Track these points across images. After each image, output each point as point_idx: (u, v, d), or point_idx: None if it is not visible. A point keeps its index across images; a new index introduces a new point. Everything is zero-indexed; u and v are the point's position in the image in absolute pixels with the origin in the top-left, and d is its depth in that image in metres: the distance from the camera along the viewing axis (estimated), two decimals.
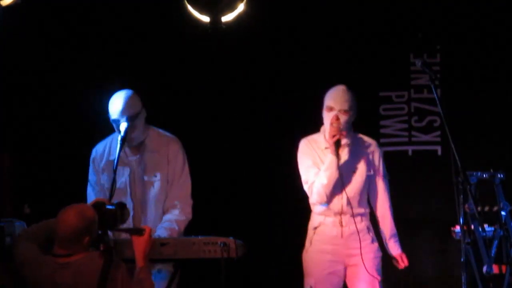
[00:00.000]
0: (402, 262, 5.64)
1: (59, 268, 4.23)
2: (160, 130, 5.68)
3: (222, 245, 4.84)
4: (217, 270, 4.79)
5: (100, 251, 4.27)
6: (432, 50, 6.84)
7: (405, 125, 6.90)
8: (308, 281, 5.58)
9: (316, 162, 5.56)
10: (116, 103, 5.45)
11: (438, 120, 6.80)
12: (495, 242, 5.73)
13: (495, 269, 5.64)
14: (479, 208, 5.28)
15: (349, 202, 5.49)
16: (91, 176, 5.67)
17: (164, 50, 6.79)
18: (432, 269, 6.64)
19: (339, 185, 5.49)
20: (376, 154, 5.62)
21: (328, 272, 5.54)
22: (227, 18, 5.64)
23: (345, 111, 5.46)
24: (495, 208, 5.87)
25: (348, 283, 5.59)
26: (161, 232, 5.40)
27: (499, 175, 5.75)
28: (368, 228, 5.57)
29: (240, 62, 6.80)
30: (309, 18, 6.76)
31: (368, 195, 5.65)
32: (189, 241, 4.96)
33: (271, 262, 6.68)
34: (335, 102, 5.49)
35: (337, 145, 5.44)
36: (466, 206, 4.98)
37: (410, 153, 6.85)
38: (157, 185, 5.56)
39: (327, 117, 5.51)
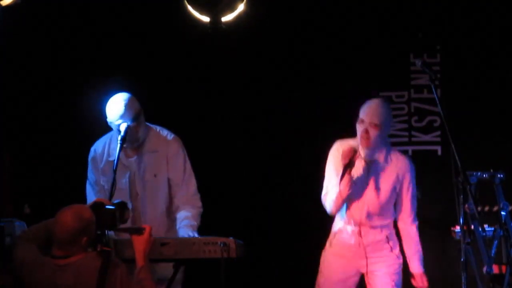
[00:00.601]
0: (421, 283, 5.53)
1: (58, 270, 4.22)
2: (159, 129, 5.66)
3: (222, 245, 4.84)
4: (217, 270, 4.79)
5: (97, 251, 4.26)
6: (432, 50, 6.84)
7: (405, 125, 6.90)
8: (319, 280, 5.54)
9: (339, 169, 5.40)
10: (116, 108, 5.42)
11: (438, 120, 6.80)
12: (495, 242, 5.73)
13: (495, 269, 5.64)
14: (479, 208, 5.29)
15: (369, 215, 5.42)
16: (90, 175, 5.66)
17: (164, 50, 6.79)
18: (432, 269, 6.63)
19: (363, 198, 5.40)
20: (408, 173, 5.46)
21: (339, 276, 5.49)
22: (227, 18, 5.64)
23: (376, 125, 5.30)
24: (495, 208, 5.87)
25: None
26: (184, 231, 5.39)
27: (499, 175, 5.75)
28: (387, 237, 5.48)
29: (240, 62, 6.79)
30: (309, 18, 6.76)
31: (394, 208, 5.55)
32: (189, 241, 4.96)
33: (271, 262, 6.67)
34: (366, 115, 5.33)
35: (350, 166, 5.28)
36: (466, 206, 4.98)
37: (410, 153, 6.85)
38: (157, 185, 5.56)
39: (358, 128, 5.37)
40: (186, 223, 5.45)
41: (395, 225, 5.58)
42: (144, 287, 4.33)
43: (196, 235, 5.33)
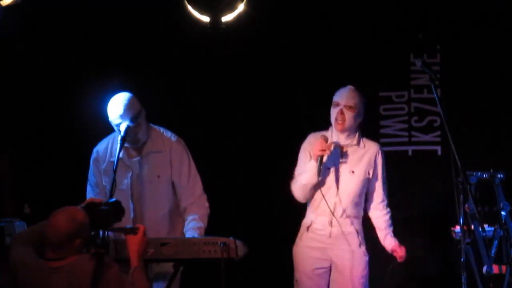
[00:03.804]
0: (402, 252, 5.59)
1: (51, 273, 4.20)
2: (162, 130, 5.66)
3: (222, 245, 4.84)
4: (217, 270, 4.79)
5: (91, 253, 4.23)
6: (432, 50, 6.84)
7: (405, 125, 6.90)
8: (296, 275, 5.65)
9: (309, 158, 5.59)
10: (116, 107, 5.42)
11: (438, 120, 6.80)
12: (495, 242, 5.73)
13: (495, 269, 5.64)
14: (479, 208, 5.29)
15: (341, 203, 5.52)
16: (91, 177, 5.64)
17: (164, 50, 6.79)
18: (432, 269, 6.64)
19: (335, 186, 5.52)
20: (378, 158, 5.63)
21: (314, 267, 5.58)
22: (227, 18, 5.64)
23: (350, 107, 5.52)
24: (495, 208, 5.87)
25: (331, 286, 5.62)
26: (191, 233, 5.40)
27: (499, 175, 5.75)
28: (357, 232, 5.57)
29: (240, 62, 6.79)
30: (309, 18, 6.76)
31: (365, 198, 5.65)
32: (189, 241, 4.97)
33: (271, 262, 6.67)
34: (341, 98, 5.57)
35: (321, 159, 5.47)
36: (466, 206, 4.98)
37: (410, 153, 6.85)
38: (159, 186, 5.54)
39: (333, 112, 5.59)
40: (192, 226, 5.45)
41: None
42: (138, 287, 4.31)
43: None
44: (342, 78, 6.65)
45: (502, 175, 5.75)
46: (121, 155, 5.41)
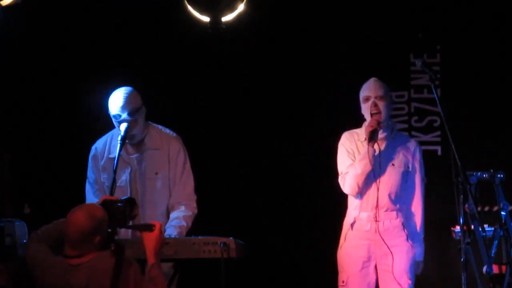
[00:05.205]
0: (419, 270, 5.60)
1: (71, 270, 4.20)
2: (160, 127, 5.67)
3: (222, 245, 4.83)
4: (217, 270, 4.79)
5: (110, 250, 4.22)
6: (432, 50, 6.84)
7: (405, 125, 6.89)
8: (342, 276, 5.54)
9: (353, 153, 5.55)
10: (117, 99, 5.45)
11: (438, 120, 6.80)
12: (495, 242, 5.73)
13: (495, 269, 5.64)
14: (479, 208, 5.28)
15: (384, 196, 5.46)
16: (90, 174, 5.65)
17: (164, 50, 6.79)
18: (432, 269, 6.63)
19: (376, 179, 5.45)
20: (417, 154, 5.61)
21: (362, 267, 5.49)
22: (227, 18, 5.63)
23: (381, 97, 5.51)
24: (495, 208, 5.87)
25: (380, 284, 5.54)
26: (171, 230, 5.39)
27: (499, 175, 5.75)
28: (403, 225, 5.51)
29: (240, 62, 6.79)
30: (309, 18, 6.76)
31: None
32: (189, 241, 4.96)
33: (271, 262, 6.67)
34: (369, 91, 5.54)
35: (373, 136, 5.42)
36: (466, 206, 4.98)
37: None
38: (158, 183, 5.55)
39: (366, 108, 5.54)
40: (175, 223, 5.45)
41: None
42: (157, 285, 4.27)
43: (176, 236, 5.31)
44: (342, 78, 6.67)
45: (502, 175, 5.75)
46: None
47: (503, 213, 5.68)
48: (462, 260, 4.89)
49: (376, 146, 5.44)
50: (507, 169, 5.82)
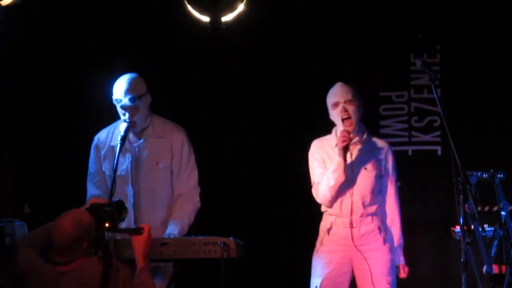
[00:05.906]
0: (404, 273, 5.60)
1: (60, 277, 4.19)
2: (165, 119, 5.67)
3: (222, 245, 4.84)
4: (217, 270, 4.79)
5: (98, 256, 4.21)
6: (432, 50, 6.84)
7: (405, 125, 6.89)
8: (315, 281, 5.54)
9: (323, 161, 5.56)
10: (121, 83, 5.44)
11: (438, 120, 6.80)
12: (495, 242, 5.73)
13: (495, 269, 5.64)
14: (479, 208, 5.28)
15: (358, 201, 5.46)
16: (92, 165, 5.62)
17: (164, 50, 6.79)
18: (432, 269, 6.64)
19: (349, 185, 5.46)
20: (389, 157, 5.60)
21: (337, 273, 5.50)
22: (227, 18, 5.64)
23: (350, 101, 5.49)
24: (495, 208, 5.87)
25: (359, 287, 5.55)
26: (172, 228, 5.38)
27: (499, 175, 5.75)
28: (379, 229, 5.52)
29: (240, 62, 6.79)
30: (309, 18, 6.76)
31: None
32: (189, 241, 4.96)
33: (271, 262, 6.67)
34: (338, 96, 5.53)
35: (346, 150, 5.42)
36: (466, 206, 4.98)
37: (410, 153, 6.85)
38: (160, 172, 5.52)
39: (336, 114, 5.53)
40: (176, 221, 5.43)
41: None
42: None
43: (176, 235, 5.30)
44: (342, 78, 6.66)
45: (502, 175, 5.75)
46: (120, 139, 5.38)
47: (503, 213, 5.68)
48: (462, 260, 4.88)
49: (348, 153, 5.45)
50: (507, 169, 5.82)
